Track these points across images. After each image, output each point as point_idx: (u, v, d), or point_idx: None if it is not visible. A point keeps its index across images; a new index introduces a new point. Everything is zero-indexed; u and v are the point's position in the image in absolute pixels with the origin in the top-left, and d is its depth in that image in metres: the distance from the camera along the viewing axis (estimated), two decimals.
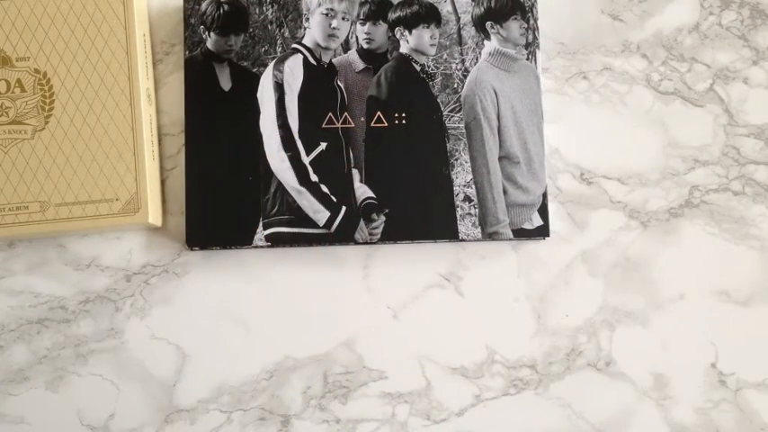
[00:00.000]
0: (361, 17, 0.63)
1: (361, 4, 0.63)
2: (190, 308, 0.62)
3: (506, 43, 0.63)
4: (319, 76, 0.63)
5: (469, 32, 0.64)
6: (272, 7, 0.63)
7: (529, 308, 0.62)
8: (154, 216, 0.60)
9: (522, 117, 0.62)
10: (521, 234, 0.61)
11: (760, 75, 0.65)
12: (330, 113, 0.62)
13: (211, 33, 0.63)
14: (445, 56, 0.63)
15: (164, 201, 0.63)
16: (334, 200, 0.61)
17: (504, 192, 0.62)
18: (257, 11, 0.63)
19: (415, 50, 0.63)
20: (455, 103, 0.63)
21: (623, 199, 0.64)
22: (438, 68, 0.63)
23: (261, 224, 0.61)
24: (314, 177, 0.61)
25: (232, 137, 0.62)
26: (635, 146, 0.64)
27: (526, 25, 0.63)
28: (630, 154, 0.64)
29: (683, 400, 0.61)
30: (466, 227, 0.61)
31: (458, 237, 0.61)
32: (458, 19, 0.64)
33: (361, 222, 0.61)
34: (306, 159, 0.61)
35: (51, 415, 0.60)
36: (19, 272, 0.62)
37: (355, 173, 0.62)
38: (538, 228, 0.61)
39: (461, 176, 0.62)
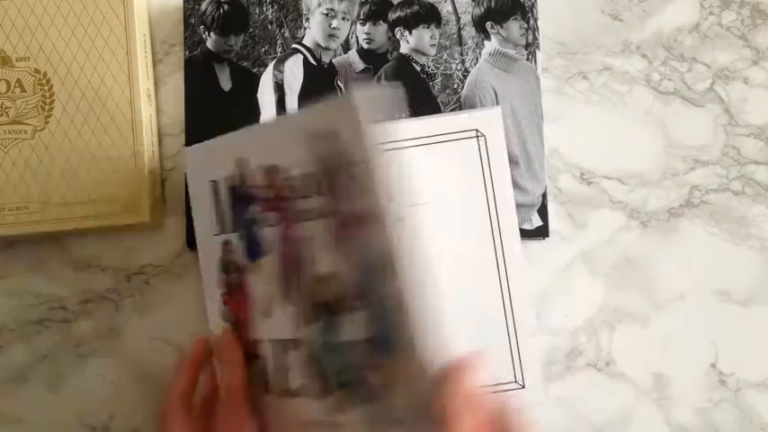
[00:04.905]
0: (361, 17, 0.63)
1: (361, 4, 0.63)
2: (190, 308, 0.62)
3: (506, 43, 0.63)
4: (319, 77, 0.63)
5: (469, 33, 0.64)
6: (272, 7, 0.63)
7: None
8: (154, 216, 0.60)
9: (522, 117, 0.62)
10: (521, 234, 0.61)
11: (760, 75, 0.65)
12: None
13: (211, 33, 0.63)
14: (445, 56, 0.63)
15: (164, 201, 0.63)
16: None
17: None
18: (257, 11, 0.63)
19: (415, 51, 0.63)
20: (455, 103, 0.62)
21: (623, 199, 0.64)
22: (438, 69, 0.63)
23: None
24: None
25: None
26: (635, 146, 0.64)
27: (526, 25, 0.63)
28: (630, 154, 0.64)
29: (683, 400, 0.61)
30: None
31: None
32: (458, 19, 0.64)
33: None
34: None
35: (51, 415, 0.60)
36: (19, 272, 0.62)
37: None
38: (538, 228, 0.61)
39: None
